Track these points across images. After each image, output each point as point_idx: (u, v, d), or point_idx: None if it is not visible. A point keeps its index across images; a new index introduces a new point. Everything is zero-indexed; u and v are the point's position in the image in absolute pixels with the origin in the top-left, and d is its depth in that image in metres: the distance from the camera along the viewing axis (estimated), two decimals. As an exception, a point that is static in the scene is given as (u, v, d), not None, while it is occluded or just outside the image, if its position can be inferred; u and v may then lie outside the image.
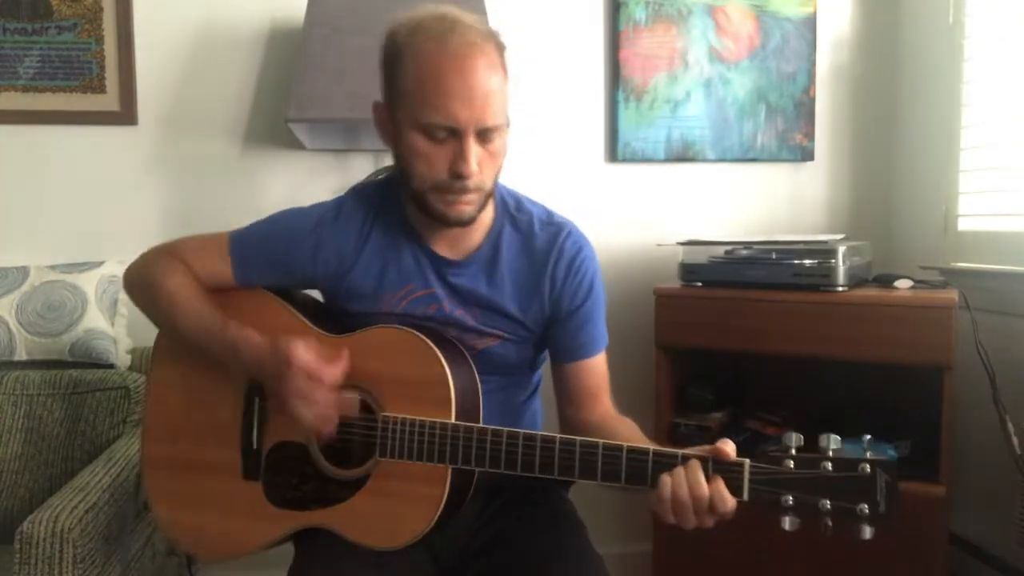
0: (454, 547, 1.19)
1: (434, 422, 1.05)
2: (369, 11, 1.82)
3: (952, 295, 1.66)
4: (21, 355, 1.81)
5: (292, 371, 1.04)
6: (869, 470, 0.91)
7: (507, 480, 1.24)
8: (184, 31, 2.06)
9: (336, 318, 1.19)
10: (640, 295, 2.13)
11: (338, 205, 1.21)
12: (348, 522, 1.09)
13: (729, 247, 1.94)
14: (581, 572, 1.09)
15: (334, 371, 1.06)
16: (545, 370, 1.31)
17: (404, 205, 1.18)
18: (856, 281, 1.80)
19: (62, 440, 1.74)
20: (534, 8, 2.19)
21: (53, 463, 1.73)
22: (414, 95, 1.05)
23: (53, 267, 1.89)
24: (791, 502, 0.92)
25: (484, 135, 1.05)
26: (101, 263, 1.92)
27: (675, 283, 1.95)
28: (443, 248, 1.17)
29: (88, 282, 1.87)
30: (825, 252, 1.75)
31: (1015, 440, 1.67)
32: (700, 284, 1.90)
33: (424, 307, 1.17)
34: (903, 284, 1.79)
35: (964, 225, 2.05)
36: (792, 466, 0.92)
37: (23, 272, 1.86)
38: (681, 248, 1.94)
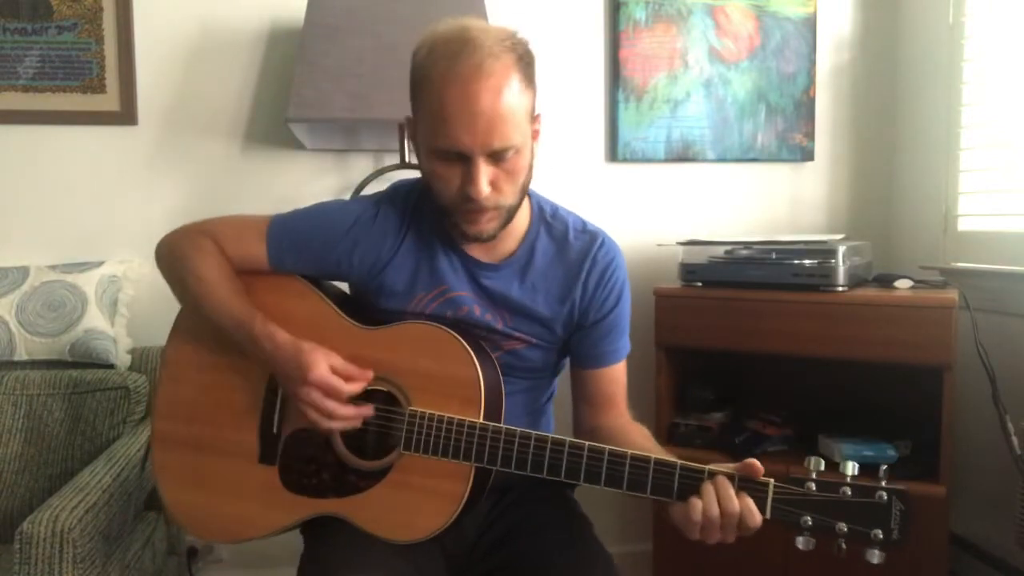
0: (465, 545, 1.20)
1: (462, 420, 1.06)
2: (369, 11, 1.82)
3: (952, 295, 1.66)
4: (21, 355, 1.81)
5: (308, 386, 1.06)
6: (886, 498, 0.95)
7: (516, 478, 1.25)
8: (184, 31, 2.06)
9: (365, 310, 1.19)
10: (640, 295, 2.12)
11: (376, 204, 1.21)
12: (365, 512, 1.09)
13: (729, 247, 1.94)
14: (591, 566, 1.10)
15: (351, 388, 1.07)
16: (560, 378, 1.32)
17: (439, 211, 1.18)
18: (856, 281, 1.80)
19: (62, 440, 1.74)
20: (534, 8, 2.19)
21: (53, 463, 1.73)
22: (426, 118, 1.05)
23: (53, 267, 1.89)
24: (810, 523, 0.96)
25: (496, 156, 1.04)
26: (101, 263, 1.92)
27: (675, 283, 1.95)
28: (477, 252, 1.18)
29: (88, 282, 1.87)
30: (825, 252, 1.75)
31: (1015, 440, 1.67)
32: (700, 284, 1.90)
33: (454, 309, 1.18)
34: (903, 284, 1.79)
35: (964, 225, 2.05)
36: (814, 488, 0.96)
37: (23, 272, 1.86)
38: (681, 248, 1.94)
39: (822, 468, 0.97)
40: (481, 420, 1.06)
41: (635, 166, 2.26)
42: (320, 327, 1.14)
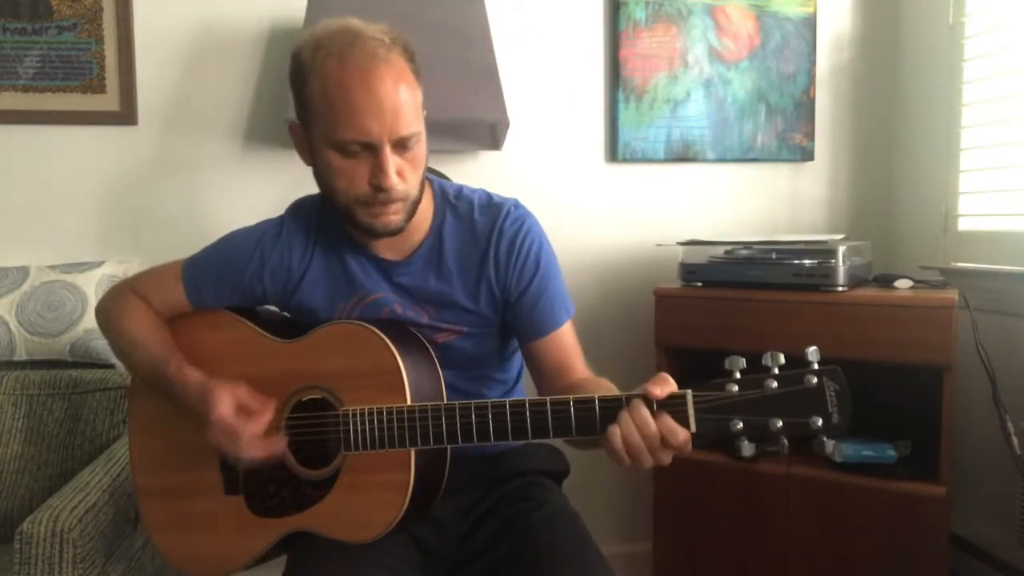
0: (450, 549, 1.19)
1: (391, 407, 1.05)
2: (369, 11, 1.81)
3: (952, 295, 1.66)
4: (21, 355, 1.81)
5: (211, 426, 1.06)
6: (815, 381, 0.88)
7: (501, 477, 1.24)
8: (184, 31, 2.06)
9: (303, 330, 1.19)
10: (640, 295, 2.13)
11: (280, 221, 1.22)
12: (325, 521, 1.10)
13: (729, 247, 1.94)
14: (583, 563, 1.09)
15: (252, 429, 1.06)
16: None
17: (341, 216, 1.18)
18: (856, 281, 1.80)
19: (62, 440, 1.74)
20: (534, 8, 2.19)
21: (53, 463, 1.73)
22: (324, 114, 1.04)
23: (53, 267, 1.89)
24: (741, 427, 0.90)
25: (401, 144, 1.05)
26: (101, 263, 1.92)
27: (675, 283, 1.95)
28: (385, 251, 1.18)
29: (88, 282, 1.87)
30: (825, 252, 1.75)
31: (1015, 440, 1.67)
32: (700, 284, 1.90)
33: (376, 312, 1.18)
34: (903, 284, 1.79)
35: (964, 225, 2.05)
36: (736, 390, 0.90)
37: (23, 272, 1.86)
38: (681, 248, 1.94)
39: (743, 366, 0.91)
40: (408, 403, 1.06)
41: (635, 166, 2.26)
42: (243, 352, 1.15)
